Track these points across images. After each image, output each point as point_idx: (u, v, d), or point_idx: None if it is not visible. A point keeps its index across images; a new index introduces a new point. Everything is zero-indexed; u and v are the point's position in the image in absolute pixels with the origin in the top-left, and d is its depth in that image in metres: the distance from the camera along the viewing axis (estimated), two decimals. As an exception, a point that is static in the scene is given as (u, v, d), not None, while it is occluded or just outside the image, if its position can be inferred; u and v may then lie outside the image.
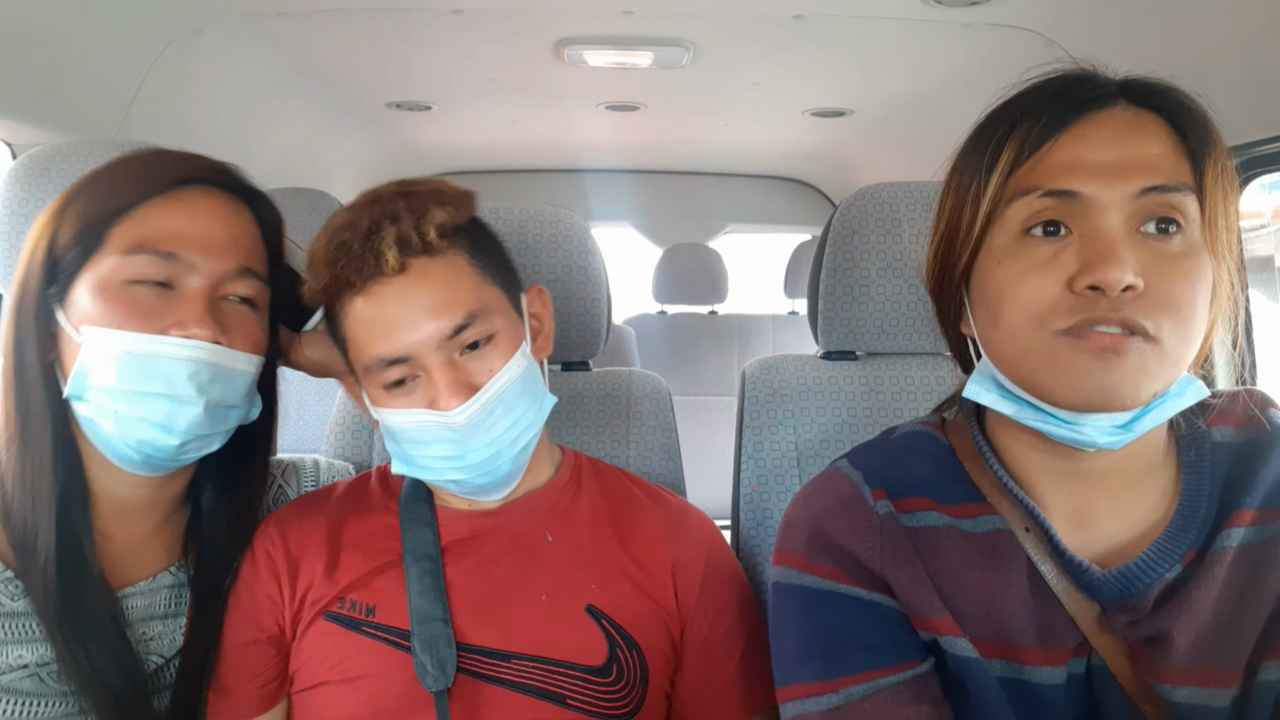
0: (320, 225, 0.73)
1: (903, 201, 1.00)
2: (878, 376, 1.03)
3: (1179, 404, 0.56)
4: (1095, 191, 0.54)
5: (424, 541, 0.77)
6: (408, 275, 0.70)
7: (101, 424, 0.67)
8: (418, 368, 0.71)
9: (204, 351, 0.68)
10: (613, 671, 0.74)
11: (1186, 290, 0.53)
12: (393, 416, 0.73)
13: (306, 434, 1.67)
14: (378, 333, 0.70)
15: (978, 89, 0.63)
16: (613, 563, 0.79)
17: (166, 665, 0.75)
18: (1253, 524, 0.57)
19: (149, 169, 0.71)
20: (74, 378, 0.67)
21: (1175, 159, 0.55)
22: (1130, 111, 0.57)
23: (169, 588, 0.76)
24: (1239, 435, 0.62)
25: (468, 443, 0.71)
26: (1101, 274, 0.52)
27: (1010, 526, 0.62)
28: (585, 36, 1.51)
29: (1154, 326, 0.52)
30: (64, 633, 0.65)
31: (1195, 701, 0.56)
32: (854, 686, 0.60)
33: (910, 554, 0.63)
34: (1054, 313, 0.54)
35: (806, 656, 0.63)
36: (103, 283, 0.67)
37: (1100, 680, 0.60)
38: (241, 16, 1.37)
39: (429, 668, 0.71)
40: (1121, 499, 0.61)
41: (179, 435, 0.68)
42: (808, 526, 0.67)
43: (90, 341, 0.66)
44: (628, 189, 2.85)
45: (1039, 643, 0.60)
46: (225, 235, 0.71)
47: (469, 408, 0.70)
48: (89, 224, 0.67)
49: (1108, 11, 1.20)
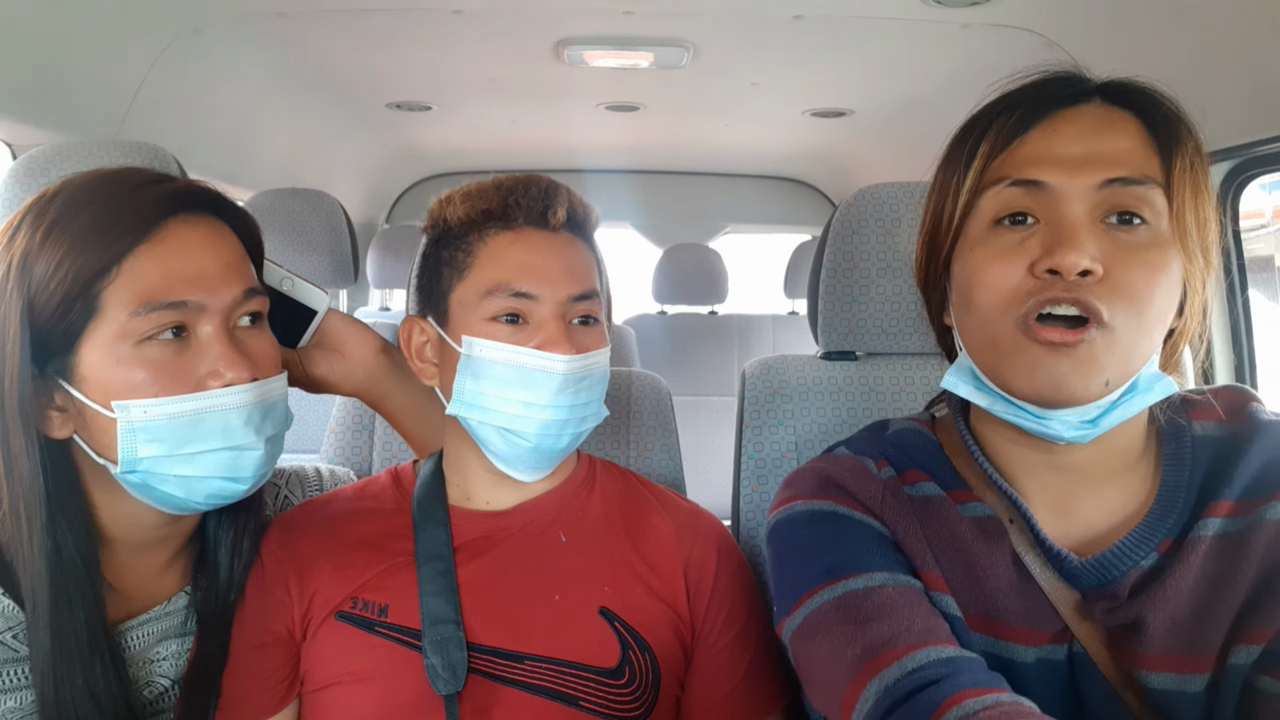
0: (320, 225, 0.73)
1: (903, 201, 1.00)
2: (877, 377, 1.04)
3: (1146, 399, 0.58)
4: (1059, 182, 0.56)
5: (437, 541, 0.77)
6: (559, 235, 0.76)
7: (162, 489, 0.66)
8: (535, 311, 0.74)
9: (249, 393, 0.67)
10: (625, 673, 0.74)
11: (1145, 279, 0.55)
12: (493, 349, 0.74)
13: (306, 434, 1.67)
14: (517, 268, 0.74)
15: (978, 89, 0.64)
16: (625, 564, 0.79)
17: (174, 686, 0.74)
18: (1229, 515, 0.59)
19: (116, 214, 0.64)
20: (123, 456, 0.64)
21: (1143, 154, 0.57)
22: (1103, 109, 0.59)
23: (185, 608, 0.76)
24: (1220, 430, 0.63)
25: (555, 395, 0.74)
26: (1059, 257, 0.54)
27: (996, 514, 0.64)
28: (585, 37, 1.51)
29: (1108, 311, 0.54)
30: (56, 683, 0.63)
31: (1171, 687, 0.57)
32: (872, 575, 0.60)
33: (910, 513, 0.65)
34: (1016, 297, 0.57)
35: (816, 563, 0.63)
36: (115, 349, 0.63)
37: (1081, 668, 0.61)
38: (241, 16, 1.38)
39: (439, 670, 0.71)
40: (1102, 491, 0.62)
41: (247, 481, 0.69)
42: (815, 475, 0.69)
43: (129, 416, 0.63)
44: (628, 189, 2.85)
45: (1024, 623, 0.61)
46: (219, 264, 0.67)
47: (575, 361, 0.74)
48: (73, 289, 0.61)
49: (1108, 12, 1.21)
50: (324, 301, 0.84)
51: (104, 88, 1.33)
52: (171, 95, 1.46)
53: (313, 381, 0.85)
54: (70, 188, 0.65)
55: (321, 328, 0.85)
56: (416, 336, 0.80)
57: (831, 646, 0.58)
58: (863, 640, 0.56)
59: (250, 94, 1.74)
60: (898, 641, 0.55)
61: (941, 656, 0.54)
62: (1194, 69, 1.12)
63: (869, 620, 0.57)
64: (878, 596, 0.59)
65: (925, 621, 0.57)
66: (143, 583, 0.73)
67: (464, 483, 0.81)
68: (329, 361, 0.85)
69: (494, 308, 0.74)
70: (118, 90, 1.36)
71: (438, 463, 0.83)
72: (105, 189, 0.65)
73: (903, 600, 0.59)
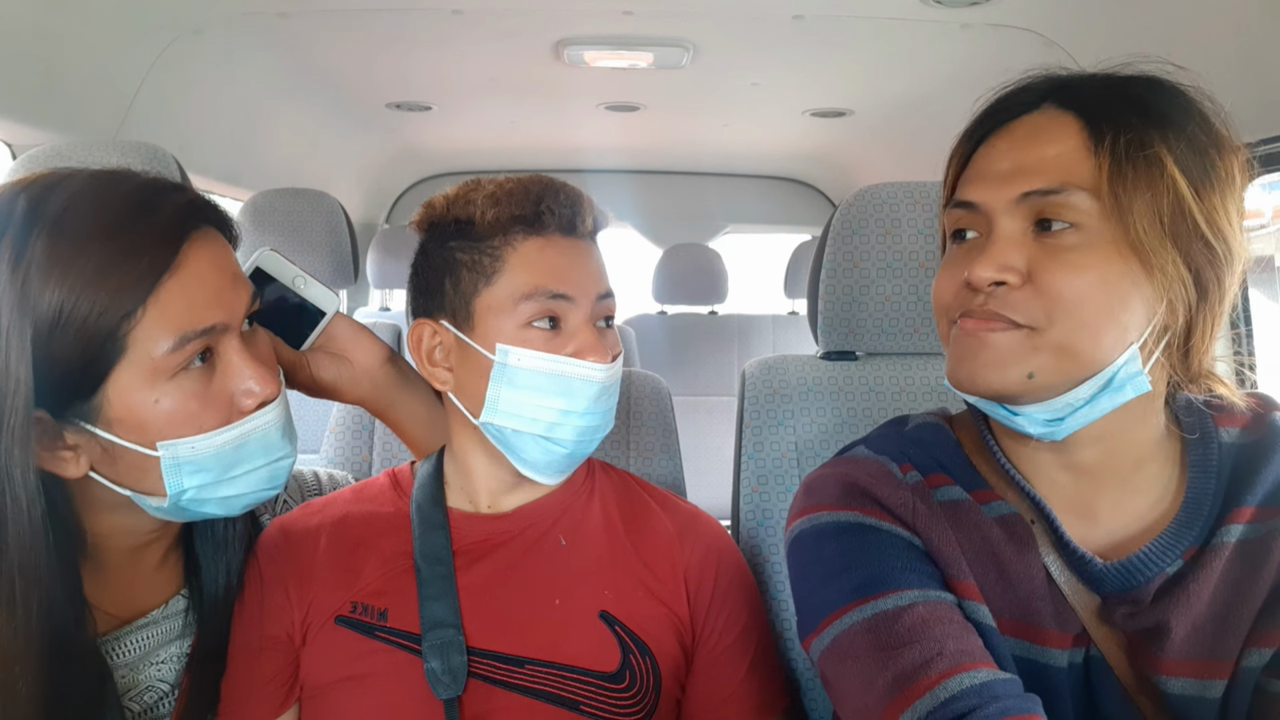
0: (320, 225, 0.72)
1: (902, 201, 1.00)
2: (877, 377, 1.03)
3: (1117, 399, 0.57)
4: (985, 199, 0.59)
5: (436, 545, 0.77)
6: (583, 242, 0.78)
7: (202, 510, 0.67)
8: (570, 315, 0.75)
9: (281, 407, 0.69)
10: (625, 677, 0.74)
11: (1069, 281, 0.55)
12: (532, 358, 0.73)
13: (306, 434, 1.66)
14: (551, 272, 0.74)
15: (978, 89, 0.64)
16: (625, 568, 0.79)
17: (173, 690, 0.74)
18: (1251, 521, 0.59)
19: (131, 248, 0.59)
20: (170, 491, 0.64)
21: (1073, 158, 0.56)
22: (1044, 116, 0.59)
23: (183, 611, 0.75)
24: (1244, 436, 0.63)
25: (594, 402, 0.75)
26: (970, 273, 0.58)
27: (1019, 512, 0.64)
28: (585, 37, 1.51)
29: (1024, 316, 0.56)
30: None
31: (1190, 693, 0.57)
32: (903, 594, 0.59)
33: (941, 519, 0.64)
34: (950, 306, 0.62)
35: (845, 579, 0.62)
36: (152, 388, 0.61)
37: (1098, 672, 0.61)
38: (241, 17, 1.37)
39: (439, 675, 0.71)
40: (1120, 494, 0.62)
41: (280, 485, 0.71)
42: (839, 481, 0.67)
43: (175, 453, 0.63)
44: (628, 189, 2.85)
45: (1055, 625, 0.61)
46: (228, 278, 0.67)
47: (610, 369, 0.76)
48: (97, 334, 0.58)
49: (1107, 12, 1.21)
50: (334, 304, 0.83)
51: (104, 88, 1.33)
52: (171, 95, 1.46)
53: (318, 386, 0.84)
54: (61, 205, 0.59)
55: (328, 332, 0.83)
56: (428, 340, 0.78)
57: (862, 673, 0.58)
58: (894, 667, 0.56)
59: (250, 94, 1.74)
60: (930, 668, 0.55)
61: (975, 683, 0.53)
62: (1193, 69, 1.12)
63: (900, 646, 0.57)
64: (909, 617, 0.58)
65: (958, 643, 0.57)
66: (138, 588, 0.73)
67: (469, 486, 0.81)
68: (337, 367, 0.84)
69: (530, 312, 0.73)
70: (118, 90, 1.36)
71: (437, 464, 0.83)
72: (108, 214, 0.60)
73: (935, 619, 0.58)
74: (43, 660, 0.59)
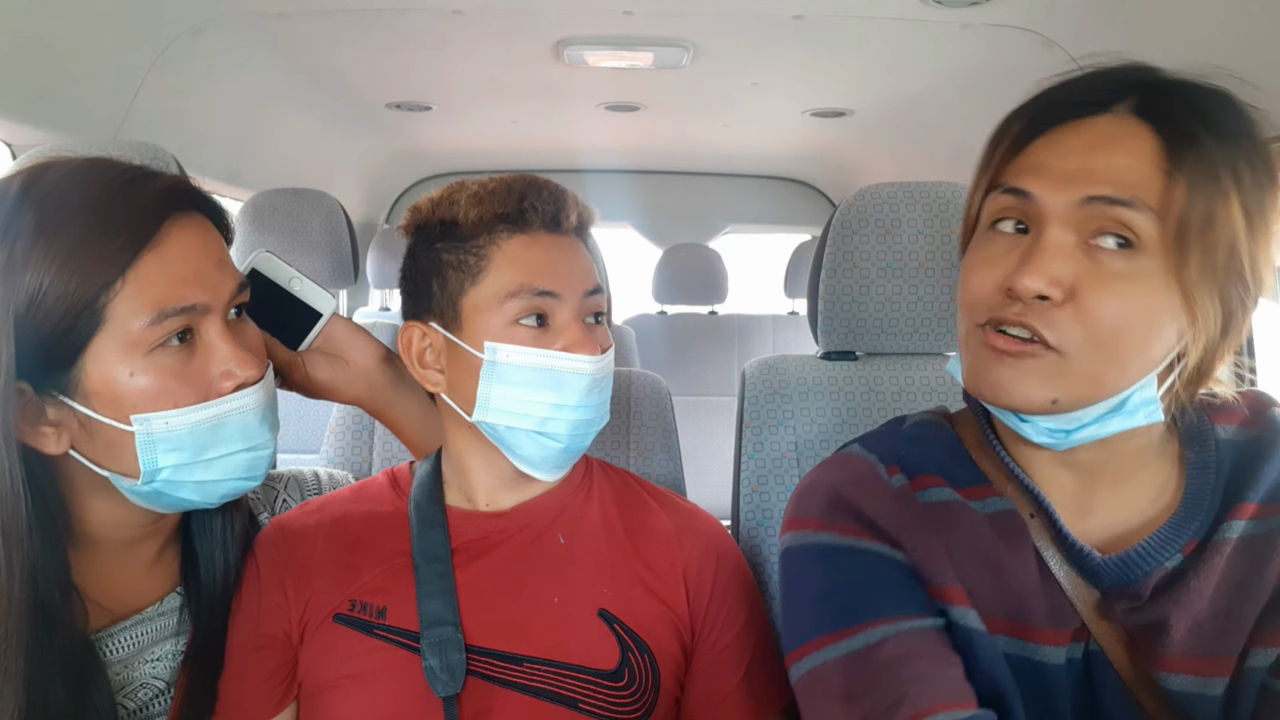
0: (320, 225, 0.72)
1: (902, 202, 1.00)
2: (877, 377, 1.04)
3: (1128, 422, 0.57)
4: (1043, 194, 0.55)
5: (435, 543, 0.77)
6: (568, 239, 0.78)
7: (177, 495, 0.67)
8: (557, 311, 0.74)
9: (261, 392, 0.68)
10: (624, 675, 0.74)
11: (1112, 311, 0.53)
12: (520, 354, 0.73)
13: (306, 434, 1.67)
14: (536, 269, 0.74)
15: (977, 89, 0.64)
16: (624, 566, 0.79)
17: (169, 688, 0.74)
18: (1254, 517, 0.59)
19: (112, 220, 0.61)
20: (144, 468, 0.64)
21: (1145, 174, 0.53)
22: (1120, 121, 0.55)
23: (178, 609, 0.75)
24: (1242, 433, 0.63)
25: (585, 395, 0.75)
26: (1016, 279, 0.54)
27: (1016, 509, 0.64)
28: (585, 37, 1.51)
29: (1057, 337, 0.54)
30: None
31: (1191, 690, 0.57)
32: (874, 629, 0.60)
33: (926, 524, 0.64)
34: (981, 306, 0.58)
35: (824, 608, 0.63)
36: (128, 361, 0.61)
37: (1098, 667, 0.61)
38: (241, 16, 1.37)
39: (438, 672, 0.71)
40: (1119, 491, 0.62)
41: (259, 476, 0.70)
42: (825, 493, 0.68)
43: (149, 429, 0.63)
44: (628, 189, 2.85)
45: (1049, 623, 0.61)
46: (214, 261, 0.67)
47: (600, 361, 0.75)
48: (75, 304, 0.59)
49: (1107, 12, 1.20)
50: (330, 305, 0.83)
51: (104, 88, 1.33)
52: (171, 95, 1.46)
53: (314, 386, 0.84)
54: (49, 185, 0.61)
55: (325, 333, 0.84)
56: (418, 342, 0.78)
57: (832, 714, 0.59)
58: (860, 712, 0.57)
59: (250, 94, 1.74)
60: (894, 715, 0.55)
61: None
62: (1193, 69, 1.12)
63: (867, 691, 0.58)
64: (880, 655, 0.58)
65: (927, 683, 0.57)
66: (131, 584, 0.73)
67: (467, 485, 0.81)
68: (333, 367, 0.84)
69: (517, 309, 0.73)
70: (118, 90, 1.35)
71: (435, 463, 0.83)
72: (92, 192, 0.62)
73: (907, 657, 0.58)
74: (31, 628, 0.60)
